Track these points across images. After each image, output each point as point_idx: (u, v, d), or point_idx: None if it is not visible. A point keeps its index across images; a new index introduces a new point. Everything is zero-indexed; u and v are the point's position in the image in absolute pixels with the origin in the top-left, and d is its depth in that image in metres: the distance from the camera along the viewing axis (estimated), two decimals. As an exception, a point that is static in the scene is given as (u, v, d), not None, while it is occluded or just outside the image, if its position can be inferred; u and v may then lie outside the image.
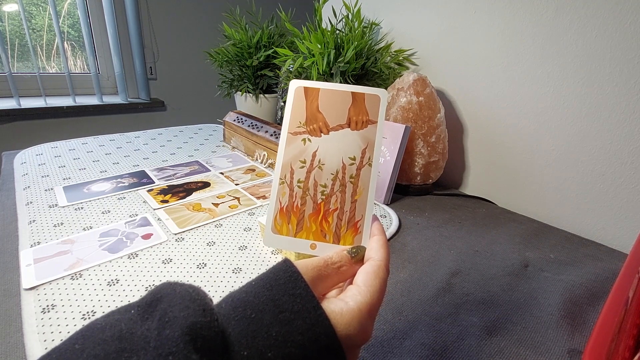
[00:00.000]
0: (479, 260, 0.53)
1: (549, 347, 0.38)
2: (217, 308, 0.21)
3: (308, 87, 0.30)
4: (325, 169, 0.29)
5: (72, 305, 0.39)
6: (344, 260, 0.26)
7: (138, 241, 0.51)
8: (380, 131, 0.28)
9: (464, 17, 0.74)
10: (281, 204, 0.28)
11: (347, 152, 0.29)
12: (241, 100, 1.13)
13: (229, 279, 0.45)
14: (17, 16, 1.50)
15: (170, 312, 0.19)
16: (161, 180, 0.72)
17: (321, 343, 0.20)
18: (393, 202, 0.71)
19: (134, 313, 0.20)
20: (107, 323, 0.19)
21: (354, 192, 0.28)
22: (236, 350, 0.19)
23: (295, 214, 0.28)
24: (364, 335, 0.22)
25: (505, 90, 0.71)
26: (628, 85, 0.56)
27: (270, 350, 0.19)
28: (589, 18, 0.58)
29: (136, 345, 0.18)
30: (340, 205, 0.28)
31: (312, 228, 0.28)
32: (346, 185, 0.28)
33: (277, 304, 0.21)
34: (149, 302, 0.20)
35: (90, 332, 0.19)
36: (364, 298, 0.23)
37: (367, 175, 0.28)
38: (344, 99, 0.29)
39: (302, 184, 0.29)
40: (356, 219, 0.28)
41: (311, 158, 0.29)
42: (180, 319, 0.18)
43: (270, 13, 1.13)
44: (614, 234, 0.62)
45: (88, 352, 0.18)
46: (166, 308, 0.19)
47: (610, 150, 0.59)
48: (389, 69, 0.85)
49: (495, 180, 0.78)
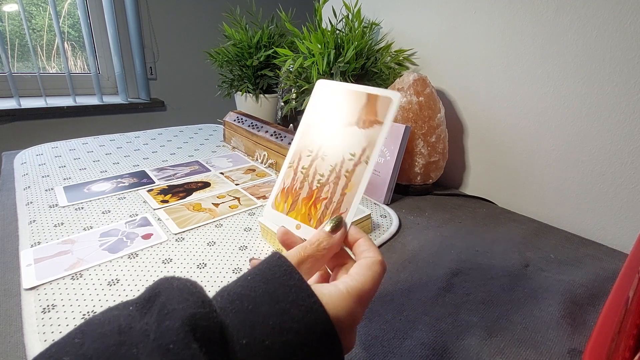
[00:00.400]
0: (479, 260, 0.53)
1: (549, 347, 0.38)
2: (214, 301, 0.21)
3: (333, 85, 0.33)
4: (327, 160, 0.31)
5: (72, 305, 0.39)
6: (322, 236, 0.27)
7: (138, 241, 0.51)
8: (385, 132, 0.29)
9: (464, 17, 0.74)
10: (284, 185, 0.32)
11: (350, 148, 0.30)
12: (241, 100, 1.13)
13: (229, 279, 0.45)
14: (17, 16, 1.50)
15: (169, 304, 0.19)
16: (161, 180, 0.73)
17: (316, 328, 0.21)
18: (393, 202, 0.71)
19: (133, 309, 0.20)
20: (105, 318, 0.20)
21: (345, 185, 0.29)
22: (235, 340, 0.19)
23: (292, 195, 0.31)
24: (352, 318, 0.23)
25: (506, 90, 0.71)
26: (628, 85, 0.56)
27: (268, 338, 0.20)
28: (589, 18, 0.58)
29: (135, 338, 0.18)
30: (330, 196, 0.30)
31: (302, 210, 0.31)
32: (340, 178, 0.30)
33: (273, 296, 0.21)
34: (147, 298, 0.20)
35: (89, 327, 0.19)
36: (354, 283, 0.24)
37: (362, 172, 0.29)
38: (358, 99, 0.31)
39: (305, 171, 0.31)
40: (340, 211, 0.29)
41: (317, 149, 0.31)
42: (180, 311, 0.19)
43: (270, 13, 1.13)
44: (614, 234, 0.62)
45: (88, 346, 0.18)
46: (165, 301, 0.19)
47: (610, 150, 0.59)
48: (389, 69, 0.85)
49: (496, 180, 0.78)
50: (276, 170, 0.80)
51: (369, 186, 0.71)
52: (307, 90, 0.83)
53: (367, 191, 0.71)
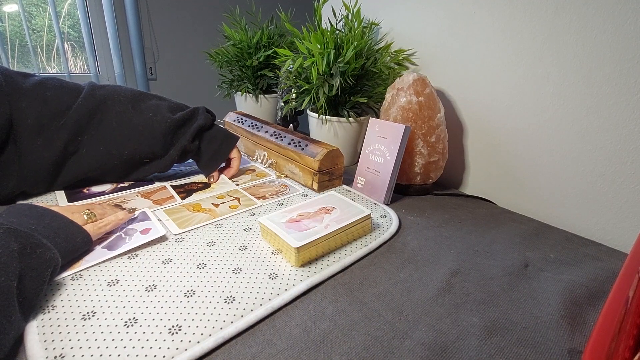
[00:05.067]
0: (479, 260, 0.53)
1: (549, 347, 0.38)
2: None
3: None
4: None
5: (72, 305, 0.39)
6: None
7: (137, 236, 0.51)
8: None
9: (464, 17, 0.74)
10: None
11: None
12: (241, 101, 1.13)
13: (229, 279, 0.45)
14: (17, 17, 1.50)
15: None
16: (161, 180, 0.72)
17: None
18: (393, 202, 0.71)
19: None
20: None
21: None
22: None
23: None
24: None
25: (505, 90, 0.71)
26: (628, 85, 0.56)
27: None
28: (589, 18, 0.58)
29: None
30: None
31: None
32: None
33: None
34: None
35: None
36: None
37: None
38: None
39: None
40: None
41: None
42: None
43: (270, 13, 1.13)
44: (614, 234, 0.62)
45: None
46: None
47: (610, 150, 0.59)
48: (388, 69, 0.85)
49: (495, 180, 0.78)
50: (276, 170, 0.80)
51: (369, 186, 0.71)
52: (306, 90, 0.83)
53: (367, 191, 0.72)
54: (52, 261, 0.39)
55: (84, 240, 0.45)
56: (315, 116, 0.85)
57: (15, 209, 0.42)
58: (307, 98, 0.82)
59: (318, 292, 0.45)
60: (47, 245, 0.39)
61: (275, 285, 0.44)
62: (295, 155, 0.74)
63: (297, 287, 0.44)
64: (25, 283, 0.35)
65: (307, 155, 0.71)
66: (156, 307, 0.39)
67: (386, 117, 0.74)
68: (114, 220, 0.51)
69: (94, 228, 0.47)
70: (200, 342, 0.35)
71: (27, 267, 0.35)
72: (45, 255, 0.38)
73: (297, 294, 0.43)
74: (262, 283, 0.44)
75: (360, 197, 0.71)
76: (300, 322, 0.40)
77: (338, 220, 0.52)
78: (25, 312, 0.35)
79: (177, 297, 0.41)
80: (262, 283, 0.44)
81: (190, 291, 0.42)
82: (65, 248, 0.42)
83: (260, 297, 0.42)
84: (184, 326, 0.37)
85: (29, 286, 0.35)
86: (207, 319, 0.38)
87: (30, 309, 0.36)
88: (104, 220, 0.50)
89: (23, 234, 0.37)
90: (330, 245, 0.51)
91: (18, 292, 0.34)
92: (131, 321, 0.37)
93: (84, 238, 0.45)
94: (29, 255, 0.36)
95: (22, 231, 0.37)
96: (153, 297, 0.41)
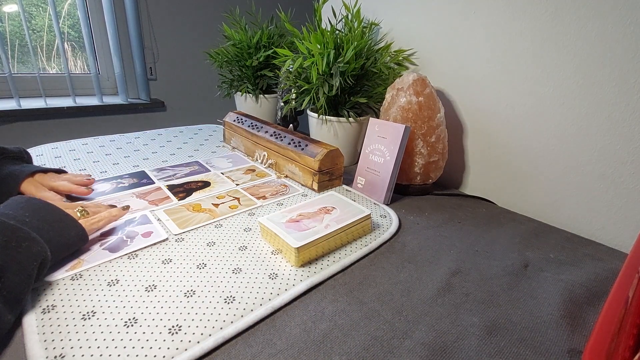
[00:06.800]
0: (479, 260, 0.53)
1: (548, 347, 0.38)
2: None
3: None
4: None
5: (72, 305, 0.39)
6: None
7: (138, 239, 0.51)
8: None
9: (463, 17, 0.74)
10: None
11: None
12: (241, 101, 1.13)
13: (229, 279, 0.45)
14: (17, 17, 1.50)
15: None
16: (161, 180, 0.73)
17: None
18: (393, 202, 0.71)
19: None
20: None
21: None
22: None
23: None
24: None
25: (505, 90, 0.71)
26: (628, 85, 0.56)
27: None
28: (588, 18, 0.58)
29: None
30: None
31: None
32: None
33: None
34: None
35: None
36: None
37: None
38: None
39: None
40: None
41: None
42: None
43: (270, 13, 1.13)
44: (614, 234, 0.62)
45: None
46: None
47: (610, 150, 0.59)
48: (388, 69, 0.85)
49: (495, 180, 0.78)
50: (276, 170, 0.80)
51: (369, 186, 0.71)
52: (306, 90, 0.83)
53: (367, 191, 0.72)
54: (40, 255, 0.38)
55: (78, 234, 0.46)
56: (315, 116, 0.85)
57: (14, 201, 0.43)
58: (307, 98, 0.82)
59: (318, 292, 0.45)
60: (35, 239, 0.38)
61: (275, 285, 0.44)
62: (295, 155, 0.74)
63: (297, 287, 0.44)
64: (9, 276, 0.35)
65: (307, 155, 0.71)
66: (156, 307, 0.40)
67: (386, 117, 0.74)
68: (107, 216, 0.51)
69: (87, 224, 0.48)
70: (200, 342, 0.35)
71: (12, 261, 0.35)
72: (32, 249, 0.38)
73: (297, 294, 0.43)
74: (262, 283, 0.44)
75: (360, 197, 0.71)
76: (300, 322, 0.40)
77: (338, 220, 0.52)
78: (12, 306, 0.35)
79: (177, 297, 0.41)
80: (262, 283, 0.44)
81: (190, 291, 0.42)
82: (58, 242, 0.42)
83: (260, 297, 0.42)
84: (184, 326, 0.37)
85: (14, 280, 0.35)
86: (207, 319, 0.38)
87: (16, 303, 0.36)
88: (96, 216, 0.50)
89: (9, 227, 0.37)
90: (330, 245, 0.51)
91: (1, 286, 0.34)
92: (131, 321, 0.37)
93: (79, 232, 0.46)
94: (13, 248, 0.36)
95: (8, 224, 0.37)
96: (153, 297, 0.41)
